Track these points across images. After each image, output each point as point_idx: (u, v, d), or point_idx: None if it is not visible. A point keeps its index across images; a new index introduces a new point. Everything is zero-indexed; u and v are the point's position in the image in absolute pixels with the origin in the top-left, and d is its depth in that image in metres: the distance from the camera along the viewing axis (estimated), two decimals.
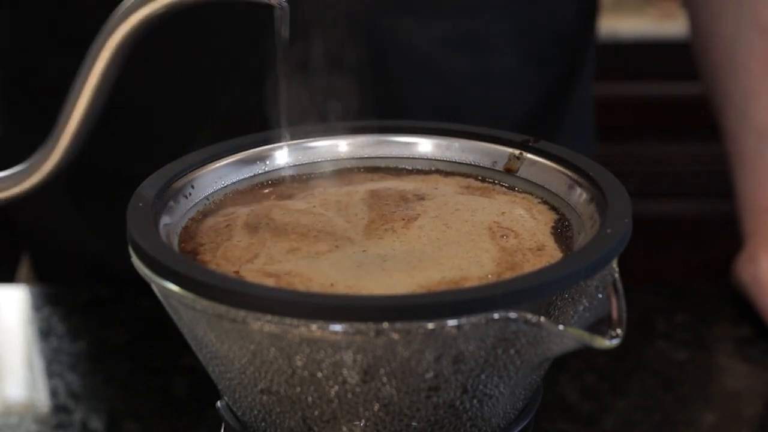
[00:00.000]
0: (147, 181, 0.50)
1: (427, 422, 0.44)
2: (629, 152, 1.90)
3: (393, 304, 0.41)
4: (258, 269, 0.46)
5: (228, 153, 0.54)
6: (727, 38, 0.87)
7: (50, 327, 0.79)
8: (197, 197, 0.52)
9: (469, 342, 0.41)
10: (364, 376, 0.42)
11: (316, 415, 0.44)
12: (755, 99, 0.85)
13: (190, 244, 0.49)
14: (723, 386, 0.74)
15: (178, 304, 0.44)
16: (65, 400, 0.71)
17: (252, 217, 0.51)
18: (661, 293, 0.84)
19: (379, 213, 0.51)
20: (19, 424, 0.69)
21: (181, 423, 0.69)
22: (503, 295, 0.41)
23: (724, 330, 0.79)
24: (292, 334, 0.41)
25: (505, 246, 0.48)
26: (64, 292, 0.84)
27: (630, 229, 0.46)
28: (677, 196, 1.99)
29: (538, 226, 0.50)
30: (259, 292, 0.42)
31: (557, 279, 0.42)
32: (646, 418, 0.69)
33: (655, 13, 1.96)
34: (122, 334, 0.79)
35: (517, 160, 0.54)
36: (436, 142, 0.56)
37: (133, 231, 0.45)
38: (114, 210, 0.53)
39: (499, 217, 0.51)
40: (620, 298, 0.43)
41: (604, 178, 0.50)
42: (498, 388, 0.44)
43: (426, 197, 0.53)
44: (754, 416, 0.71)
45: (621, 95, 1.91)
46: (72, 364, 0.75)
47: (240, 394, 0.46)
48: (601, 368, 0.74)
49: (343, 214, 0.51)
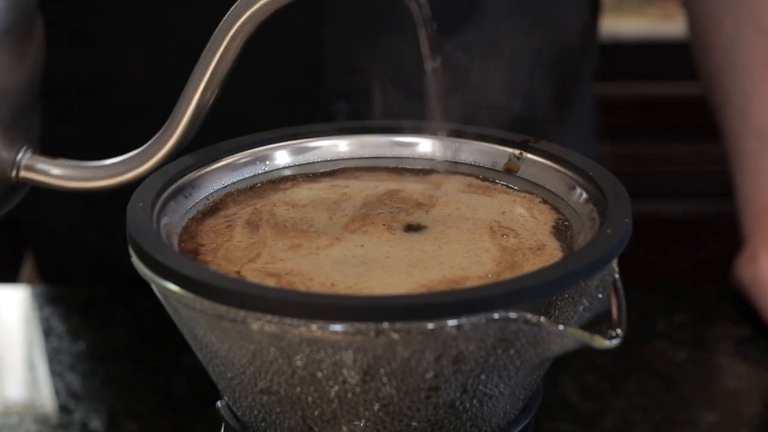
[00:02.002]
0: (147, 181, 0.50)
1: (427, 422, 0.44)
2: (629, 152, 1.90)
3: (393, 304, 0.41)
4: (259, 268, 0.46)
5: (228, 153, 0.54)
6: (727, 39, 0.87)
7: (50, 327, 0.79)
8: (197, 197, 0.52)
9: (469, 342, 0.41)
10: (364, 376, 0.42)
11: (316, 415, 0.44)
12: (755, 99, 0.85)
13: (191, 244, 0.49)
14: (723, 386, 0.74)
15: (178, 304, 0.44)
16: (65, 400, 0.71)
17: (253, 216, 0.51)
18: (661, 293, 0.84)
19: (380, 212, 0.51)
20: (19, 424, 0.69)
21: (181, 423, 0.69)
22: (503, 295, 0.41)
23: (724, 330, 0.79)
24: (292, 334, 0.41)
25: (505, 245, 0.48)
26: (64, 292, 0.84)
27: (630, 229, 0.46)
28: (677, 196, 1.98)
29: (538, 226, 0.50)
30: (259, 293, 0.42)
31: (557, 279, 0.42)
32: (646, 418, 0.69)
33: (655, 13, 1.96)
34: (122, 334, 0.79)
35: (517, 160, 0.54)
36: (436, 142, 0.56)
37: (133, 231, 0.45)
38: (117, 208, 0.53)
39: (500, 217, 0.51)
40: (620, 298, 0.43)
41: (604, 178, 0.50)
42: (498, 388, 0.44)
43: (426, 197, 0.53)
44: (754, 416, 0.71)
45: (621, 95, 1.91)
46: (72, 364, 0.75)
47: (240, 394, 0.46)
48: (601, 368, 0.74)
49: (343, 212, 0.51)
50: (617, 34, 1.88)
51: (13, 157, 0.54)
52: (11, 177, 0.54)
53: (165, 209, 0.49)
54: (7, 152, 0.54)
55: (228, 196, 0.53)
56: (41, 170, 0.55)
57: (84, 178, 0.55)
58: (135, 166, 0.54)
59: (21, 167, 0.55)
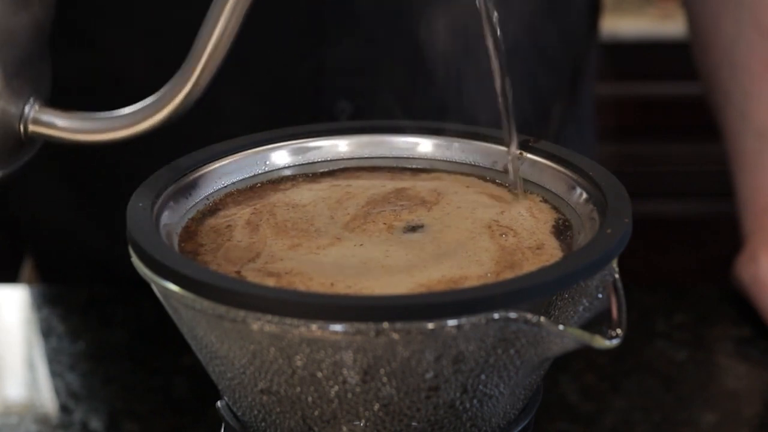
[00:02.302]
0: (147, 181, 0.50)
1: (427, 422, 0.44)
2: (629, 152, 1.90)
3: (393, 304, 0.41)
4: (259, 268, 0.46)
5: (228, 153, 0.54)
6: (727, 39, 0.87)
7: (50, 327, 0.79)
8: (197, 197, 0.52)
9: (469, 342, 0.41)
10: (364, 376, 0.42)
11: (316, 415, 0.44)
12: (755, 99, 0.85)
13: (191, 244, 0.49)
14: (723, 386, 0.74)
15: (178, 304, 0.44)
16: (65, 400, 0.71)
17: (253, 216, 0.51)
18: (661, 293, 0.84)
19: (380, 212, 0.51)
20: (19, 424, 0.69)
21: (181, 423, 0.69)
22: (503, 295, 0.41)
23: (724, 330, 0.79)
24: (292, 334, 0.41)
25: (504, 245, 0.48)
26: (64, 292, 0.84)
27: (630, 229, 0.46)
28: (677, 196, 1.99)
29: (538, 225, 0.50)
30: (259, 293, 0.42)
31: (557, 279, 0.42)
32: (646, 418, 0.69)
33: (655, 13, 1.96)
34: (122, 334, 0.79)
35: (517, 161, 0.54)
36: (436, 142, 0.56)
37: (133, 231, 0.45)
38: (117, 208, 0.53)
39: (499, 216, 0.51)
40: (620, 298, 0.43)
41: (604, 178, 0.50)
42: (498, 388, 0.44)
43: (426, 196, 0.53)
44: (754, 416, 0.71)
45: (621, 95, 1.91)
46: (72, 364, 0.75)
47: (240, 394, 0.46)
48: (601, 368, 0.74)
49: (343, 212, 0.51)
50: (617, 34, 1.88)
51: (21, 109, 0.51)
52: (19, 130, 0.51)
53: (165, 209, 0.49)
54: (14, 103, 0.51)
55: (228, 196, 0.53)
56: (50, 123, 0.52)
57: (97, 130, 0.52)
58: (149, 115, 0.51)
59: (29, 120, 0.51)
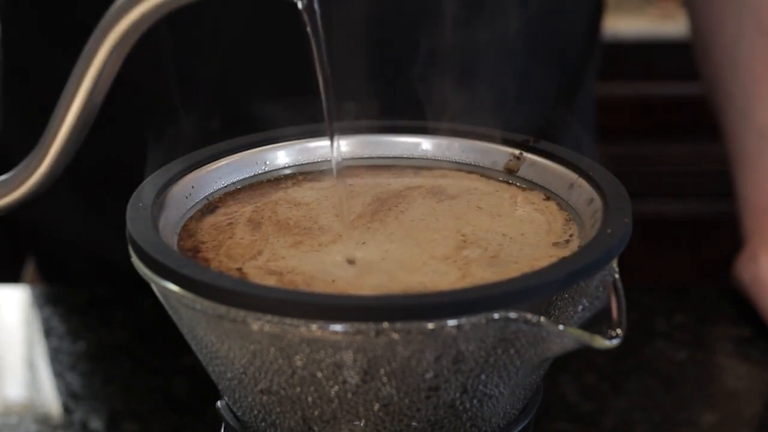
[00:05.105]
0: (147, 181, 0.50)
1: (427, 422, 0.44)
2: (629, 152, 1.90)
3: (393, 304, 0.41)
4: (261, 266, 0.46)
5: (228, 153, 0.54)
6: (729, 39, 0.87)
7: (50, 327, 0.79)
8: (197, 197, 0.52)
9: (469, 342, 0.41)
10: (364, 376, 0.42)
11: (316, 415, 0.44)
12: (757, 99, 0.85)
13: (191, 242, 0.49)
14: (723, 386, 0.74)
15: (178, 304, 0.44)
16: (65, 400, 0.71)
17: (254, 214, 0.51)
18: (661, 293, 0.84)
19: (380, 211, 0.51)
20: (19, 424, 0.69)
21: (181, 423, 0.69)
22: (503, 295, 0.41)
23: (724, 330, 0.79)
24: (292, 334, 0.41)
25: (505, 244, 0.48)
26: (64, 292, 0.84)
27: (630, 229, 0.46)
28: (677, 196, 1.98)
29: (539, 225, 0.50)
30: (259, 293, 0.42)
31: (557, 279, 0.42)
32: (646, 418, 0.69)
33: (655, 13, 1.96)
34: (122, 334, 0.79)
35: (517, 160, 0.54)
36: (436, 142, 0.56)
37: (133, 231, 0.45)
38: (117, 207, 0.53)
39: (501, 215, 0.51)
40: (620, 298, 0.43)
41: (604, 178, 0.50)
42: (498, 388, 0.44)
43: (426, 196, 0.53)
44: (754, 416, 0.71)
45: (621, 95, 1.91)
46: (72, 364, 0.75)
47: (240, 394, 0.46)
48: (601, 368, 0.74)
49: (343, 211, 0.51)
50: (617, 34, 1.88)
51: None
52: None
53: (165, 209, 0.49)
54: None
55: (228, 196, 0.53)
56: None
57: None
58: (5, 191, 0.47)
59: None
